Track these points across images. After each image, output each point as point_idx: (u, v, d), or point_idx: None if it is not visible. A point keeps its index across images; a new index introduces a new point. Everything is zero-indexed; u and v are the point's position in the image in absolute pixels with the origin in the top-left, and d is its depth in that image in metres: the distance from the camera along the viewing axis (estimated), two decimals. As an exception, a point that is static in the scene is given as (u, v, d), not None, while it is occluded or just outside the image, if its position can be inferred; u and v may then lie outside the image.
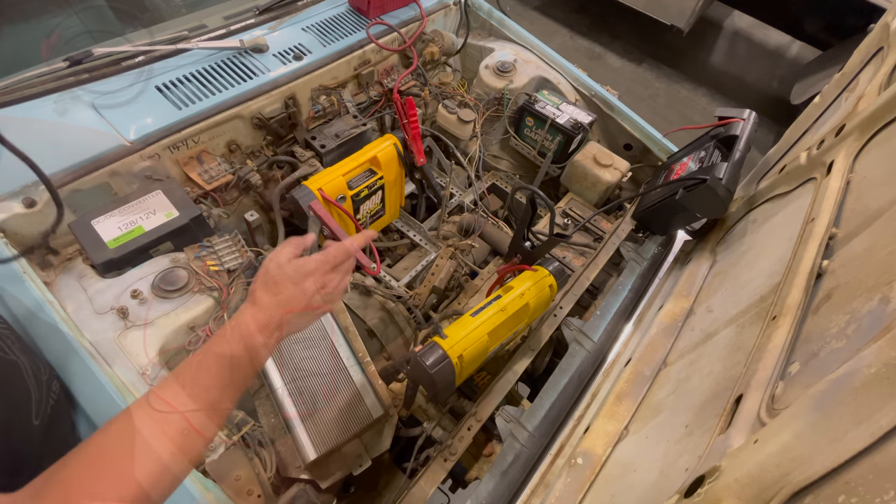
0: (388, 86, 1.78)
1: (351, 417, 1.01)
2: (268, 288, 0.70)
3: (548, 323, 1.33)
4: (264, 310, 0.68)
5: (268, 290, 0.70)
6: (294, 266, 0.72)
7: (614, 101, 1.85)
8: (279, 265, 0.72)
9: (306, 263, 0.73)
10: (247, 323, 0.66)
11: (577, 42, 4.77)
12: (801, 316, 0.80)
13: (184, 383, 0.59)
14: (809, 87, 3.53)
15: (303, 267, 0.73)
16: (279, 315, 0.68)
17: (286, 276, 0.71)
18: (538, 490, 1.04)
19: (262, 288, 0.71)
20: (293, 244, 0.77)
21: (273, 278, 0.71)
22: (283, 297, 0.70)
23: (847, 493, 0.45)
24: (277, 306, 0.69)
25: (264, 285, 0.71)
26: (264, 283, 0.71)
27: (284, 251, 0.75)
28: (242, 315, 0.67)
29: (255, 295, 0.70)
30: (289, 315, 0.69)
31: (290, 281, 0.71)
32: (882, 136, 0.96)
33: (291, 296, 0.70)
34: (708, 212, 1.45)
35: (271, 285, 0.70)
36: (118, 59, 1.37)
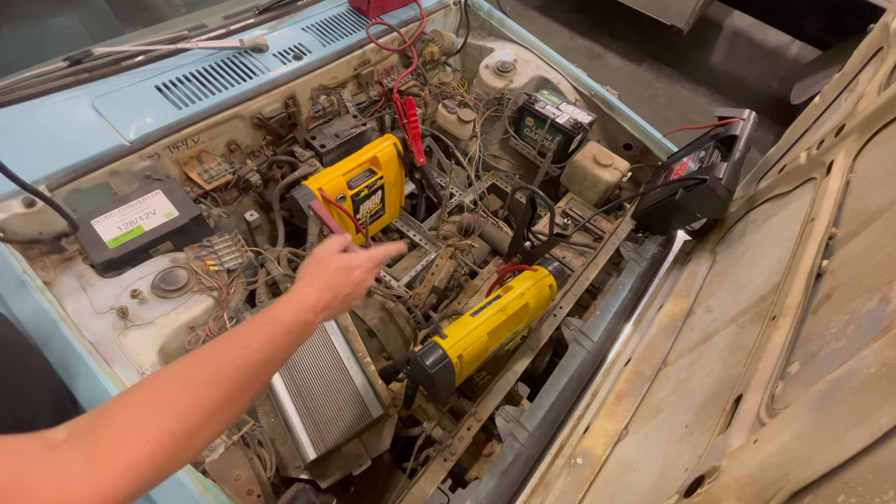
0: (388, 86, 1.78)
1: (351, 417, 1.01)
2: (321, 272, 0.76)
3: (548, 323, 1.33)
4: (318, 290, 0.72)
5: (321, 274, 0.76)
6: (346, 257, 0.80)
7: (614, 101, 1.85)
8: (331, 254, 0.79)
9: (356, 257, 0.81)
10: (302, 298, 0.70)
11: (577, 42, 4.77)
12: (801, 316, 0.80)
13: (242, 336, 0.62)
14: (809, 87, 3.53)
15: (353, 259, 0.80)
16: (329, 297, 0.73)
17: (339, 265, 0.77)
18: (538, 490, 1.04)
19: (315, 272, 0.76)
20: (339, 240, 0.84)
21: (326, 265, 0.77)
22: (334, 283, 0.75)
23: (847, 492, 0.45)
24: (328, 289, 0.73)
25: (318, 270, 0.76)
26: (318, 268, 0.77)
27: (334, 243, 0.82)
28: (298, 292, 0.71)
29: (308, 276, 0.76)
30: (334, 298, 0.74)
31: (341, 269, 0.77)
32: (882, 136, 0.96)
33: (342, 283, 0.76)
34: (708, 212, 1.45)
35: (324, 270, 0.76)
36: (118, 59, 1.37)
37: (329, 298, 0.73)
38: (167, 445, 0.49)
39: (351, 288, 0.78)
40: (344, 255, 0.80)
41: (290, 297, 0.70)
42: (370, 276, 0.83)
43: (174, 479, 0.83)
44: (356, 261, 0.80)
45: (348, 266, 0.78)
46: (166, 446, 0.49)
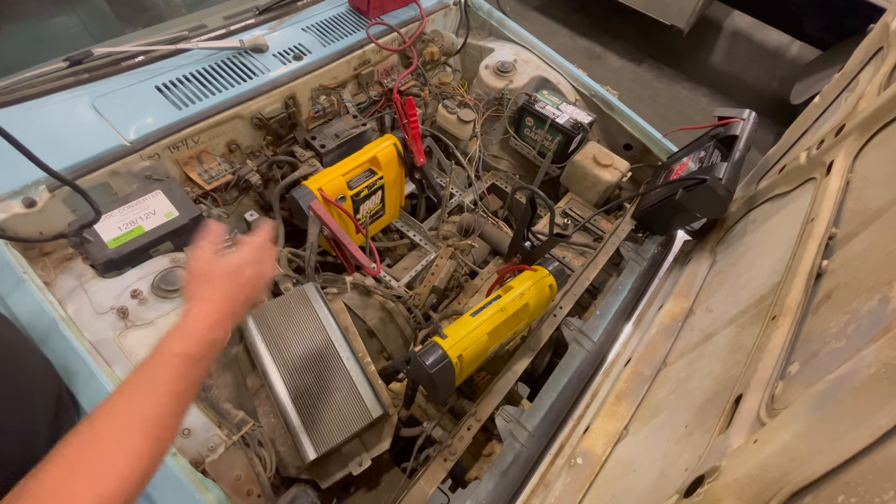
0: (388, 86, 1.78)
1: (351, 417, 1.01)
2: (208, 285, 0.69)
3: (548, 323, 1.33)
4: (212, 306, 0.67)
5: (209, 288, 0.69)
6: (228, 261, 0.72)
7: (614, 101, 1.85)
8: (210, 262, 0.72)
9: (238, 255, 0.74)
10: (200, 320, 0.65)
11: (577, 42, 4.77)
12: (801, 316, 0.80)
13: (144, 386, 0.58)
14: (809, 87, 3.53)
15: (236, 258, 0.73)
16: (227, 307, 0.68)
17: (223, 272, 0.71)
18: (538, 490, 1.04)
19: (203, 287, 0.69)
20: (210, 239, 0.75)
21: (209, 277, 0.70)
22: (228, 292, 0.69)
23: (846, 493, 0.45)
24: (223, 300, 0.68)
25: (204, 284, 0.70)
26: (203, 283, 0.70)
27: (207, 247, 0.74)
28: (191, 316, 0.66)
29: (198, 295, 0.69)
30: (235, 305, 0.69)
31: (228, 275, 0.71)
32: (882, 136, 0.96)
33: (235, 288, 0.70)
34: (708, 212, 1.45)
35: (210, 283, 0.70)
36: (118, 59, 1.37)
37: (228, 307, 0.68)
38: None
39: (248, 288, 0.72)
40: (225, 260, 0.72)
41: (185, 323, 0.65)
42: (264, 264, 0.76)
43: (174, 480, 0.83)
44: (239, 258, 0.73)
45: (234, 268, 0.72)
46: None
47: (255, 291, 0.74)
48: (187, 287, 0.71)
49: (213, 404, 1.01)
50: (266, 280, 0.77)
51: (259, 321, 1.08)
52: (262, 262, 0.76)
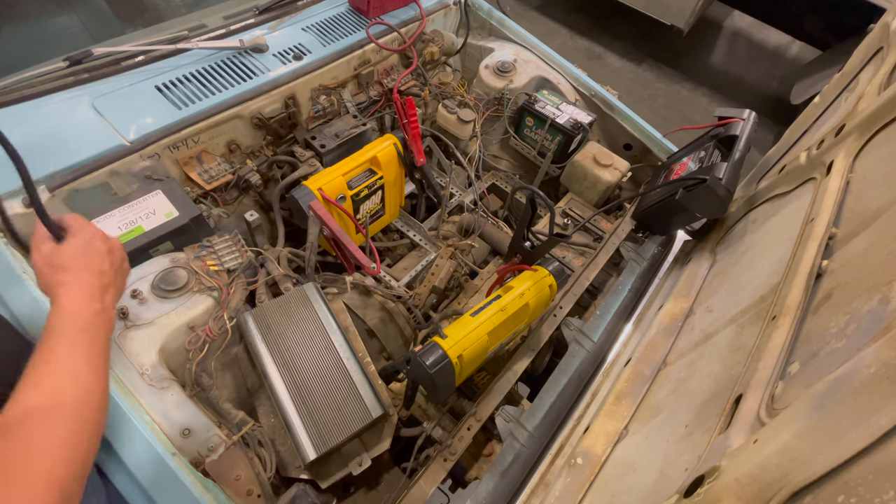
0: (388, 86, 1.78)
1: (351, 417, 1.01)
2: (59, 271, 0.70)
3: (548, 323, 1.33)
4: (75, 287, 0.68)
5: (62, 273, 0.70)
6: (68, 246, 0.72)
7: (614, 101, 1.85)
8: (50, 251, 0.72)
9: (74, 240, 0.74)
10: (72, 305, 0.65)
11: (577, 42, 4.77)
12: (801, 316, 0.80)
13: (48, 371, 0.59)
14: (809, 87, 3.53)
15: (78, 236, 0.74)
16: (92, 279, 0.69)
17: (71, 253, 0.71)
18: (538, 490, 1.04)
19: (56, 277, 0.70)
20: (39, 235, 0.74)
21: (59, 263, 0.70)
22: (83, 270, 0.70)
23: (847, 492, 0.45)
24: (81, 271, 0.69)
25: (54, 271, 0.70)
26: (53, 271, 0.70)
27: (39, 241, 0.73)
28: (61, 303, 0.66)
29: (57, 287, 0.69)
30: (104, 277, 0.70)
31: (77, 254, 0.71)
32: (882, 136, 0.96)
33: (88, 263, 0.71)
34: (708, 212, 1.45)
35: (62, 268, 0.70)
36: (118, 59, 1.37)
37: (93, 281, 0.68)
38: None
39: (101, 257, 0.73)
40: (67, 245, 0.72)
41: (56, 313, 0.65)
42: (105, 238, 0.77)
43: (174, 479, 0.83)
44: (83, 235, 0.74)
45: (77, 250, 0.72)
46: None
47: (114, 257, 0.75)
48: (39, 285, 0.71)
49: (213, 404, 1.01)
50: (117, 245, 0.77)
51: (259, 321, 1.08)
52: (99, 235, 0.77)
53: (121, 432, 0.87)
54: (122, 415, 0.88)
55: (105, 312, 0.67)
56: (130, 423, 0.87)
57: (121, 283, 0.76)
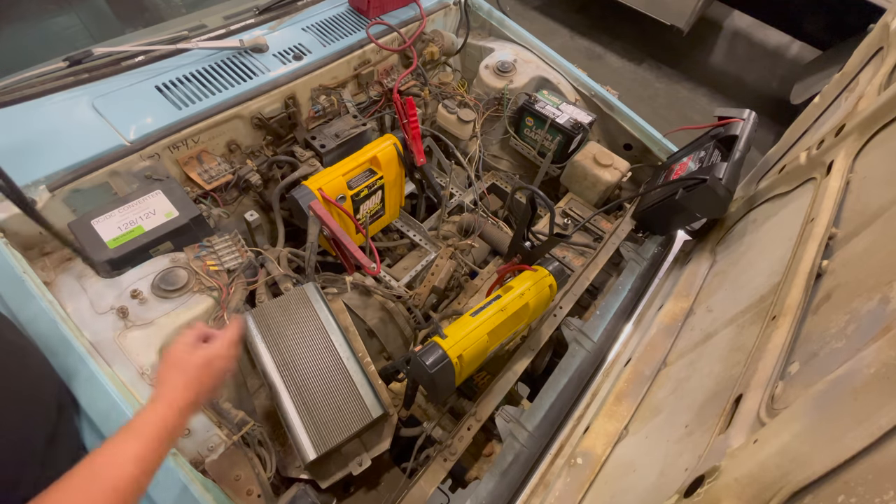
0: (388, 86, 1.78)
1: (351, 417, 1.01)
2: (180, 373, 0.75)
3: (548, 323, 1.33)
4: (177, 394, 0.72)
5: (180, 375, 0.75)
6: (203, 352, 0.79)
7: (614, 101, 1.85)
8: (187, 352, 0.78)
9: (213, 348, 0.81)
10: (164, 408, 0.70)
11: (577, 42, 4.77)
12: (801, 316, 0.80)
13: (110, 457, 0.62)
14: (809, 87, 3.53)
15: (210, 350, 0.80)
16: (191, 396, 0.73)
17: (197, 363, 0.77)
18: (538, 490, 1.04)
19: (174, 375, 0.75)
20: (192, 334, 0.82)
21: (184, 366, 0.76)
22: (194, 381, 0.75)
23: (846, 492, 0.45)
24: (187, 388, 0.74)
25: (177, 372, 0.76)
26: (176, 371, 0.76)
27: (188, 338, 0.81)
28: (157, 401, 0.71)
29: (168, 381, 0.75)
30: (200, 395, 0.75)
31: (201, 367, 0.77)
32: (882, 136, 0.96)
33: (202, 378, 0.77)
34: (708, 212, 1.45)
35: (183, 371, 0.76)
36: (118, 59, 1.37)
37: (191, 397, 0.73)
38: None
39: (214, 379, 0.79)
40: (200, 351, 0.79)
41: (150, 407, 0.70)
42: (232, 359, 0.84)
43: (174, 480, 0.83)
44: (214, 351, 0.80)
45: (207, 360, 0.78)
46: None
47: (217, 383, 0.80)
48: (160, 372, 0.77)
49: (213, 404, 1.01)
50: (227, 371, 0.83)
51: (259, 321, 1.08)
52: (230, 357, 0.83)
53: (121, 432, 0.87)
54: (122, 415, 0.88)
55: (179, 429, 0.71)
56: (130, 423, 0.87)
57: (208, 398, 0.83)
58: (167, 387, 0.74)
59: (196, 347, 0.80)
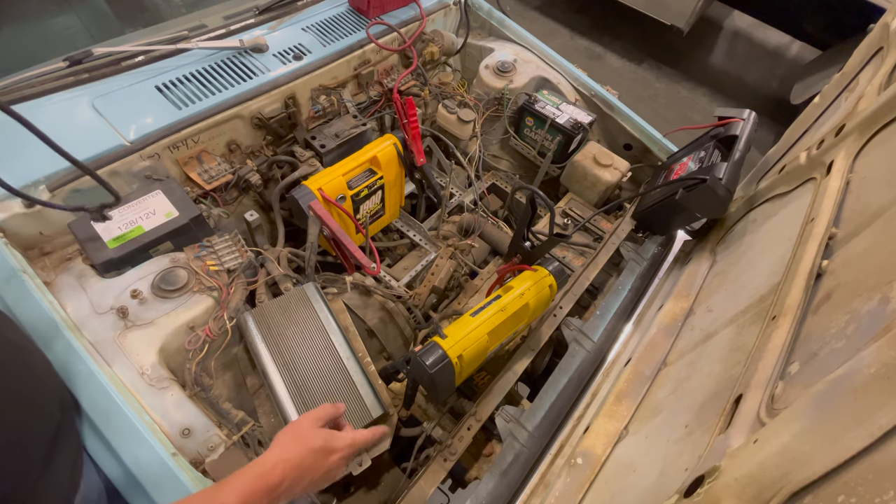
0: (388, 86, 1.78)
1: (351, 417, 1.01)
2: (298, 445, 0.74)
3: (548, 323, 1.33)
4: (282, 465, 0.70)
5: (297, 447, 0.73)
6: (329, 438, 0.77)
7: (614, 101, 1.85)
8: (315, 427, 0.77)
9: (339, 439, 0.78)
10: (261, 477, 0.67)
11: (577, 42, 4.77)
12: (801, 316, 0.80)
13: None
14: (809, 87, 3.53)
15: (336, 441, 0.78)
16: (295, 476, 0.71)
17: (319, 446, 0.75)
18: (538, 490, 1.04)
19: (293, 443, 0.74)
20: (329, 410, 0.82)
21: (306, 440, 0.74)
22: (306, 462, 0.73)
23: (847, 492, 0.45)
24: (295, 468, 0.71)
25: (296, 442, 0.74)
26: (297, 440, 0.74)
27: (323, 413, 0.80)
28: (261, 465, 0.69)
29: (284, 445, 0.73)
30: (299, 480, 0.72)
31: (320, 451, 0.75)
32: (882, 136, 0.96)
33: (315, 465, 0.74)
34: (708, 212, 1.45)
35: (301, 442, 0.74)
36: (118, 59, 1.37)
37: (295, 477, 0.70)
38: None
39: (323, 473, 0.75)
40: (328, 435, 0.77)
41: (253, 468, 0.67)
42: (346, 463, 0.80)
43: (174, 479, 0.83)
44: (338, 443, 0.77)
45: (328, 448, 0.75)
46: None
47: (322, 480, 0.76)
48: (280, 433, 0.76)
49: (213, 404, 1.01)
50: (335, 476, 0.79)
51: (259, 321, 1.08)
52: (347, 458, 0.80)
53: (121, 432, 0.87)
54: (122, 415, 0.88)
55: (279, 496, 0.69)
56: (130, 423, 0.87)
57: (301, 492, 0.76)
58: (277, 451, 0.71)
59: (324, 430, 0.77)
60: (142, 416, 0.89)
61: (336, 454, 0.76)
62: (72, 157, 0.88)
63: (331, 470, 0.76)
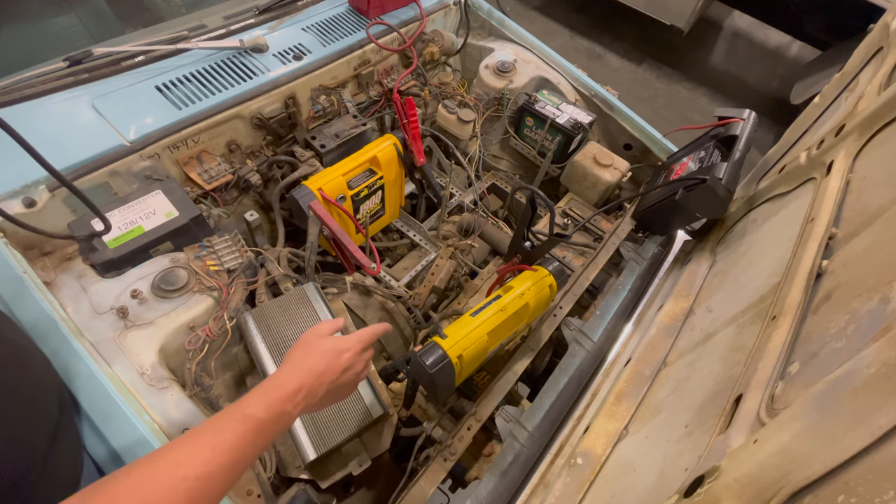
0: (388, 86, 1.78)
1: (351, 417, 1.01)
2: (306, 354, 0.74)
3: (548, 323, 1.33)
4: (298, 374, 0.69)
5: (306, 357, 0.73)
6: (334, 339, 0.77)
7: (614, 101, 1.85)
8: (320, 335, 0.77)
9: (345, 339, 0.78)
10: (280, 386, 0.67)
11: (577, 42, 4.77)
12: (801, 316, 0.80)
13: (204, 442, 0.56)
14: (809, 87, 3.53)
15: (342, 341, 0.77)
16: (311, 381, 0.70)
17: (326, 347, 0.75)
18: (538, 490, 1.04)
19: (300, 354, 0.74)
20: (330, 324, 0.81)
21: (312, 347, 0.75)
22: (319, 366, 0.72)
23: (847, 492, 0.45)
24: (311, 373, 0.70)
25: (304, 352, 0.74)
26: (304, 350, 0.74)
27: (325, 326, 0.80)
28: (277, 378, 0.68)
29: (293, 360, 0.73)
30: (319, 385, 0.71)
31: (328, 351, 0.75)
32: (882, 136, 0.96)
33: (329, 366, 0.73)
34: (708, 212, 1.45)
35: (309, 352, 0.74)
36: (118, 59, 1.37)
37: (312, 383, 0.69)
38: None
39: (338, 373, 0.74)
40: (332, 337, 0.77)
41: (268, 382, 0.67)
42: (361, 360, 0.79)
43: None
44: (346, 343, 0.77)
45: (336, 348, 0.75)
46: None
47: (340, 380, 0.75)
48: (289, 352, 0.76)
49: (213, 404, 1.01)
50: (354, 377, 0.78)
51: (259, 321, 1.08)
52: (359, 354, 0.79)
53: (121, 432, 0.87)
54: (122, 415, 0.88)
55: (289, 417, 0.66)
56: (130, 423, 0.87)
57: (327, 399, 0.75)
58: (288, 366, 0.71)
59: (329, 336, 0.77)
60: (142, 416, 0.89)
61: (347, 352, 0.76)
62: (60, 174, 0.86)
63: (348, 367, 0.76)
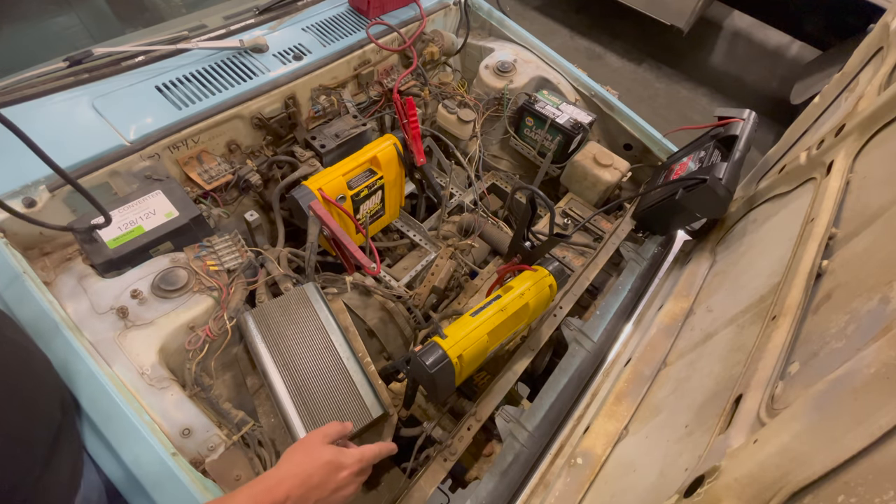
0: (388, 86, 1.78)
1: (351, 417, 1.01)
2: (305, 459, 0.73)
3: (548, 323, 1.33)
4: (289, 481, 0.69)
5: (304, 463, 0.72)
6: (337, 453, 0.76)
7: (614, 101, 1.85)
8: (324, 443, 0.76)
9: (347, 455, 0.76)
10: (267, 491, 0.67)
11: (577, 42, 4.77)
12: (801, 316, 0.80)
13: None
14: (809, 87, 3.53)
15: (344, 457, 0.76)
16: (299, 494, 0.69)
17: (325, 459, 0.74)
18: (538, 490, 1.04)
19: (300, 458, 0.73)
20: (337, 427, 0.81)
21: (314, 452, 0.74)
22: (314, 479, 0.72)
23: (847, 492, 0.45)
24: (302, 484, 0.70)
25: (304, 457, 0.73)
26: (304, 455, 0.73)
27: (333, 429, 0.80)
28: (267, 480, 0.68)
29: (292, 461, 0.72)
30: (305, 500, 0.70)
31: (327, 465, 0.74)
32: (882, 136, 0.96)
33: (322, 481, 0.72)
34: (708, 212, 1.45)
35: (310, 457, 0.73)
36: (118, 59, 1.37)
37: (301, 495, 0.69)
38: None
39: (329, 491, 0.73)
40: (335, 449, 0.76)
41: (259, 483, 0.66)
42: (356, 481, 0.78)
43: (174, 479, 0.83)
44: (347, 460, 0.76)
45: (335, 463, 0.74)
46: None
47: (328, 500, 0.74)
48: (289, 450, 0.75)
49: (213, 404, 1.01)
50: (345, 497, 0.77)
51: (259, 321, 1.08)
52: (357, 475, 0.78)
53: (121, 432, 0.87)
54: (122, 415, 0.88)
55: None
56: (130, 423, 0.87)
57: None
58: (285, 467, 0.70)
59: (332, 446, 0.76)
60: (142, 416, 0.89)
61: (345, 470, 0.75)
62: (64, 172, 0.87)
63: (340, 488, 0.75)
